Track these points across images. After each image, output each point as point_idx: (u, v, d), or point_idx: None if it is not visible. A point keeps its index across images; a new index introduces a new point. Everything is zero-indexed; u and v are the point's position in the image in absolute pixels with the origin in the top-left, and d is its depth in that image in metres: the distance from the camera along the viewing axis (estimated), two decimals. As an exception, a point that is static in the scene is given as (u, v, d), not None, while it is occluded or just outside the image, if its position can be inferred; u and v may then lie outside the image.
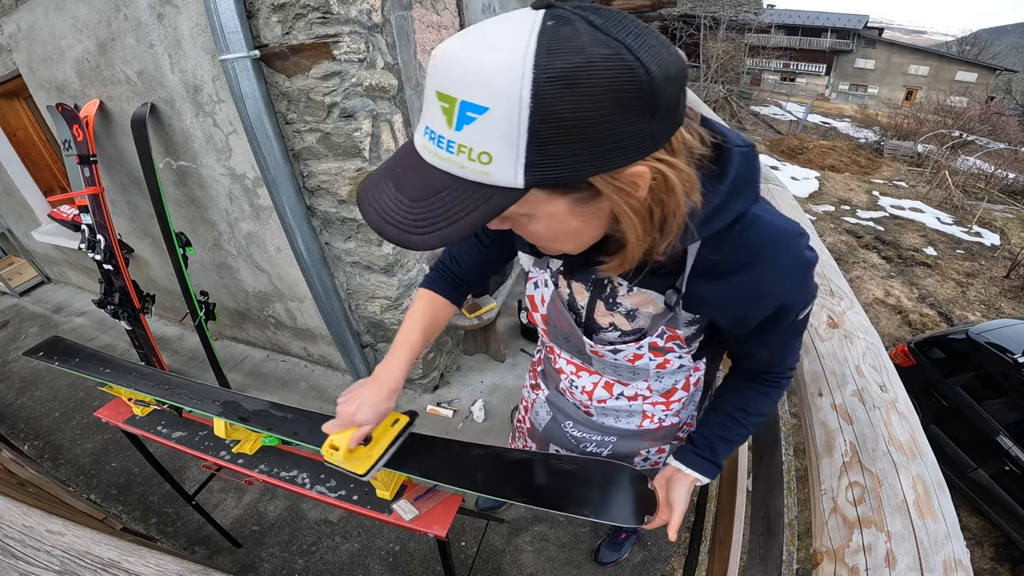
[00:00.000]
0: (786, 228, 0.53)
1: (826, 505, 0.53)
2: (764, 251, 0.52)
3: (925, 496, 0.50)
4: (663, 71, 0.33)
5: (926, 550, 0.45)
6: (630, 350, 0.67)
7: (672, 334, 0.63)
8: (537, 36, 0.32)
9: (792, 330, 0.61)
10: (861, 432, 0.58)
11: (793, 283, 0.54)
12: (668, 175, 0.40)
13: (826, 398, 0.66)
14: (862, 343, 0.74)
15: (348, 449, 0.75)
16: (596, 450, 0.96)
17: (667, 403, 0.86)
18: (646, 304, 0.62)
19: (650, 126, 0.36)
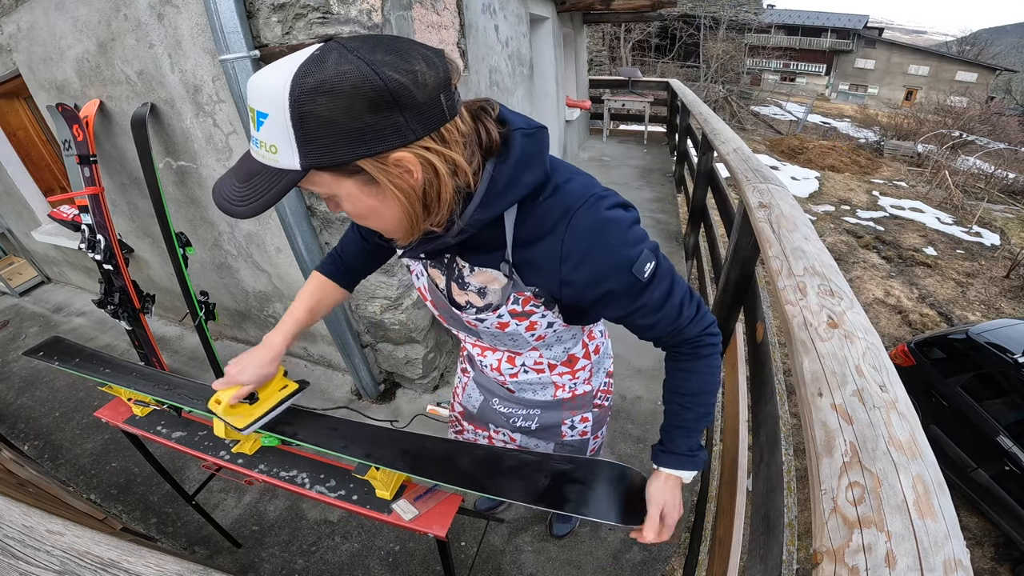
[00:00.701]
0: (581, 192, 0.60)
1: (826, 505, 0.53)
2: (561, 216, 0.59)
3: (925, 496, 0.50)
4: (406, 79, 0.44)
5: (926, 550, 0.45)
6: (491, 319, 0.73)
7: (524, 297, 0.69)
8: (301, 62, 0.44)
9: (653, 293, 0.64)
10: (861, 432, 0.58)
11: (594, 241, 0.59)
12: (432, 160, 0.50)
13: (826, 398, 0.66)
14: (862, 343, 0.74)
15: (230, 404, 0.85)
16: (524, 423, 1.04)
17: (572, 372, 0.95)
18: (491, 281, 0.68)
19: (400, 120, 0.46)
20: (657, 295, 0.65)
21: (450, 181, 0.53)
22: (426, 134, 0.48)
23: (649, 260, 0.63)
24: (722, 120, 2.90)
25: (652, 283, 0.64)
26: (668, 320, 0.68)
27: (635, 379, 2.46)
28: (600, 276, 0.61)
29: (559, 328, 0.80)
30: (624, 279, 0.62)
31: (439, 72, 0.47)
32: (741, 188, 1.57)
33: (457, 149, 0.52)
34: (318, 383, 2.52)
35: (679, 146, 5.54)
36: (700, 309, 0.71)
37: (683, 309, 0.68)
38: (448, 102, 0.49)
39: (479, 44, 2.77)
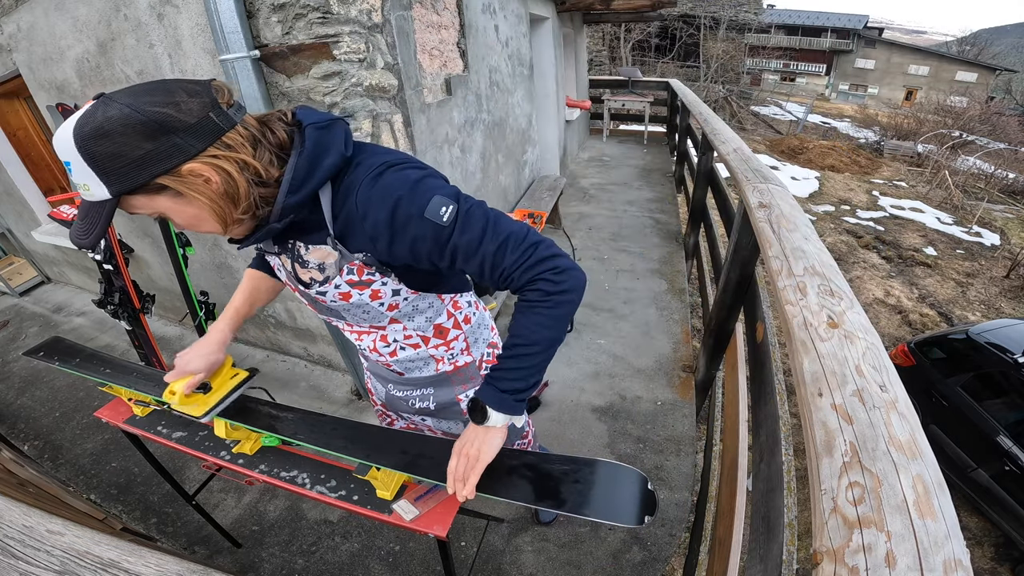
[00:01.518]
0: (373, 163, 0.70)
1: (826, 505, 0.53)
2: (353, 183, 0.69)
3: (925, 496, 0.50)
4: (168, 109, 0.56)
5: (926, 550, 0.45)
6: (331, 290, 0.79)
7: (358, 266, 0.76)
8: (77, 118, 0.55)
9: (462, 236, 0.69)
10: (861, 432, 0.58)
11: (380, 195, 0.68)
12: (221, 164, 0.60)
13: (826, 398, 0.66)
14: (862, 343, 0.74)
15: (184, 395, 0.90)
16: (422, 404, 1.08)
17: (446, 343, 0.99)
18: (326, 256, 0.76)
19: (177, 140, 0.57)
20: (468, 238, 0.70)
21: (242, 177, 0.63)
22: (207, 146, 0.59)
23: (444, 204, 0.68)
24: (722, 120, 2.90)
25: (456, 226, 0.69)
26: (491, 264, 0.71)
27: (635, 379, 2.46)
28: (394, 224, 0.68)
29: (409, 296, 0.86)
30: (422, 225, 0.68)
31: (204, 97, 0.59)
32: (741, 188, 1.57)
33: (244, 151, 0.63)
34: (318, 383, 2.52)
35: (679, 146, 5.54)
36: (533, 252, 0.72)
37: (506, 249, 0.71)
38: (220, 117, 0.60)
39: (479, 44, 2.77)
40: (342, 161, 0.69)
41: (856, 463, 0.55)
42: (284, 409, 1.07)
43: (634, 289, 3.30)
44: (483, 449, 0.77)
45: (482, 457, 0.77)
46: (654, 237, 4.12)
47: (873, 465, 0.54)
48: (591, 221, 4.48)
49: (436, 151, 2.35)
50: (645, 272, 3.53)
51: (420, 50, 2.08)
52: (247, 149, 0.63)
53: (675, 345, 2.71)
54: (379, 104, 1.78)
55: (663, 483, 1.91)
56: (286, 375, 2.61)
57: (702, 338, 2.22)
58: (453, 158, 2.56)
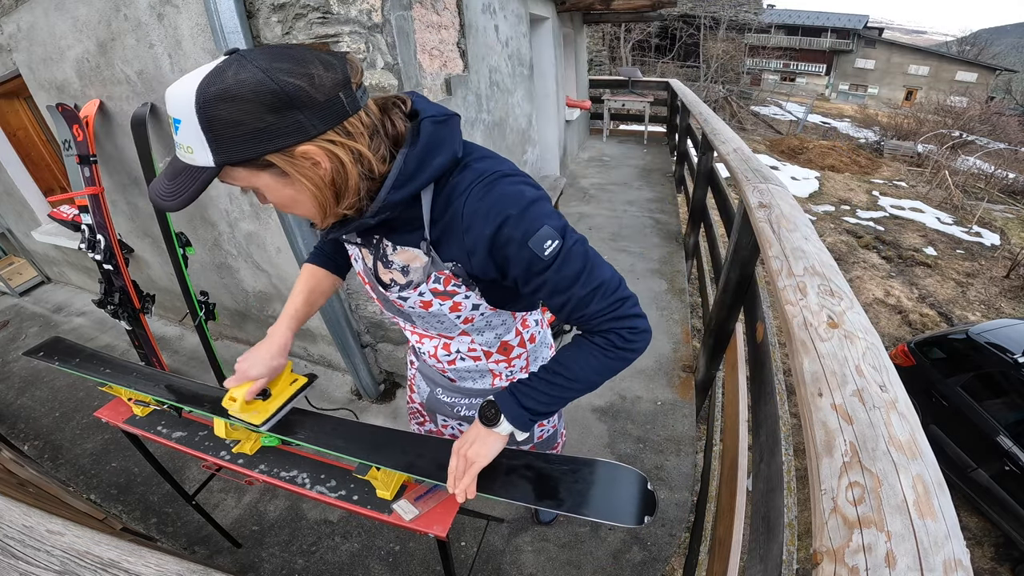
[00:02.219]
0: (485, 169, 0.65)
1: (826, 505, 0.53)
2: (464, 190, 0.64)
3: (925, 496, 0.50)
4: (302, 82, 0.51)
5: (926, 550, 0.45)
6: (414, 296, 0.76)
7: (445, 277, 0.73)
8: (206, 74, 0.50)
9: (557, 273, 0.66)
10: (861, 432, 0.58)
11: (490, 208, 0.63)
12: (336, 152, 0.56)
13: (826, 398, 0.66)
14: (862, 343, 0.74)
15: (245, 401, 0.85)
16: (468, 413, 1.06)
17: (508, 360, 0.97)
18: (413, 260, 0.72)
19: (301, 118, 0.52)
20: (562, 277, 0.66)
21: (355, 169, 0.59)
22: (328, 129, 0.55)
23: (551, 238, 0.64)
24: (722, 120, 2.90)
25: (555, 263, 0.65)
26: (574, 305, 0.69)
27: (635, 379, 2.46)
28: (495, 242, 0.64)
29: (486, 312, 0.83)
30: (521, 252, 0.64)
31: (337, 73, 0.54)
32: (741, 188, 1.57)
33: (361, 140, 0.58)
34: (318, 383, 2.52)
35: (679, 146, 5.53)
36: (620, 305, 0.70)
37: (597, 296, 0.69)
38: (349, 99, 0.55)
39: (479, 44, 2.77)
40: (453, 162, 0.65)
41: (856, 463, 0.55)
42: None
43: (634, 289, 3.30)
44: (481, 452, 0.77)
45: (479, 460, 0.77)
46: (654, 237, 4.11)
47: (873, 465, 0.54)
48: (591, 221, 4.48)
49: (436, 151, 2.35)
50: (645, 272, 3.53)
51: (420, 50, 2.08)
52: (364, 139, 0.59)
53: (675, 345, 2.71)
54: (379, 104, 1.78)
55: (663, 483, 1.91)
56: (286, 375, 2.61)
57: (702, 338, 2.22)
58: (453, 158, 2.56)
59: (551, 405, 0.76)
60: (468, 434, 0.79)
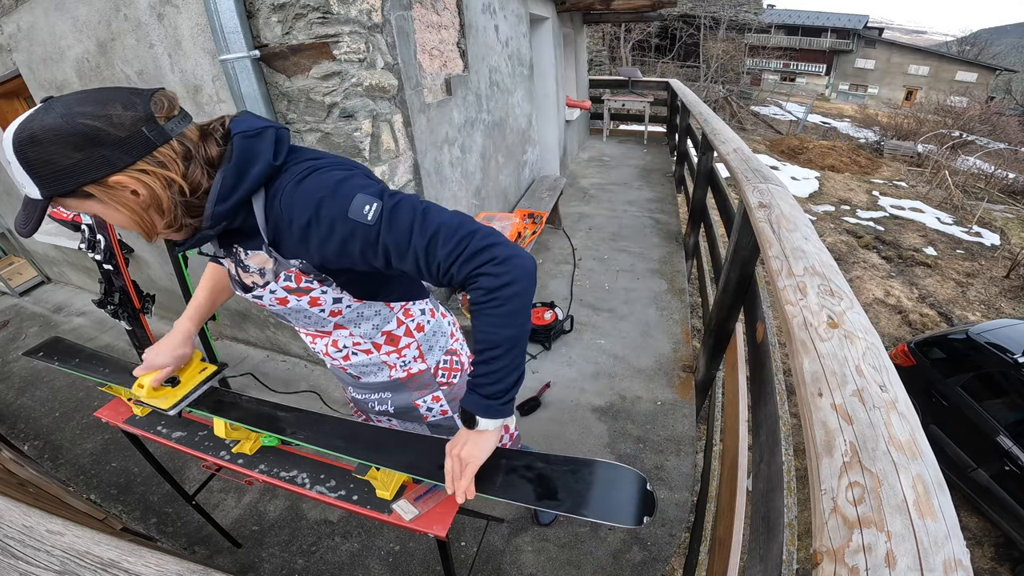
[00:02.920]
0: (300, 168, 0.70)
1: (826, 505, 0.53)
2: (280, 189, 0.70)
3: (925, 496, 0.50)
4: (99, 123, 0.57)
5: (926, 550, 0.45)
6: (267, 295, 0.80)
7: (296, 274, 0.77)
8: (23, 119, 0.58)
9: (391, 234, 0.68)
10: (861, 432, 0.58)
11: (301, 197, 0.68)
12: (146, 180, 0.62)
13: (826, 398, 0.66)
14: (862, 343, 0.74)
15: (152, 388, 0.94)
16: (381, 407, 1.09)
17: (398, 351, 0.99)
18: (264, 262, 0.77)
19: (105, 153, 0.58)
20: (397, 235, 0.68)
21: (165, 194, 0.65)
22: (136, 160, 0.61)
23: (368, 203, 0.67)
24: (722, 120, 2.90)
25: (381, 223, 0.68)
26: (424, 260, 0.69)
27: (635, 379, 2.46)
28: (320, 226, 0.68)
29: (353, 304, 0.86)
30: (347, 226, 0.68)
31: (138, 111, 0.60)
32: (741, 188, 1.57)
33: (174, 167, 0.65)
34: (318, 383, 2.52)
35: (679, 146, 5.53)
36: (468, 243, 0.68)
37: (437, 245, 0.68)
38: (153, 132, 0.62)
39: (479, 44, 2.77)
40: (270, 169, 0.69)
41: (856, 463, 0.55)
42: (284, 409, 1.07)
43: (634, 289, 3.30)
44: (473, 452, 0.77)
45: (473, 460, 0.77)
46: (654, 237, 4.11)
47: (873, 465, 0.54)
48: (591, 221, 4.48)
49: (436, 151, 2.35)
50: (645, 272, 3.53)
51: (420, 50, 2.08)
52: (177, 166, 0.65)
53: (675, 345, 2.71)
54: (379, 104, 1.78)
55: (663, 483, 1.91)
56: (286, 375, 2.61)
57: (702, 338, 2.22)
58: (453, 158, 2.56)
59: (504, 379, 0.74)
60: (459, 436, 0.80)
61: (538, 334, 2.68)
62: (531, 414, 2.25)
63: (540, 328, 2.66)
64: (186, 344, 1.00)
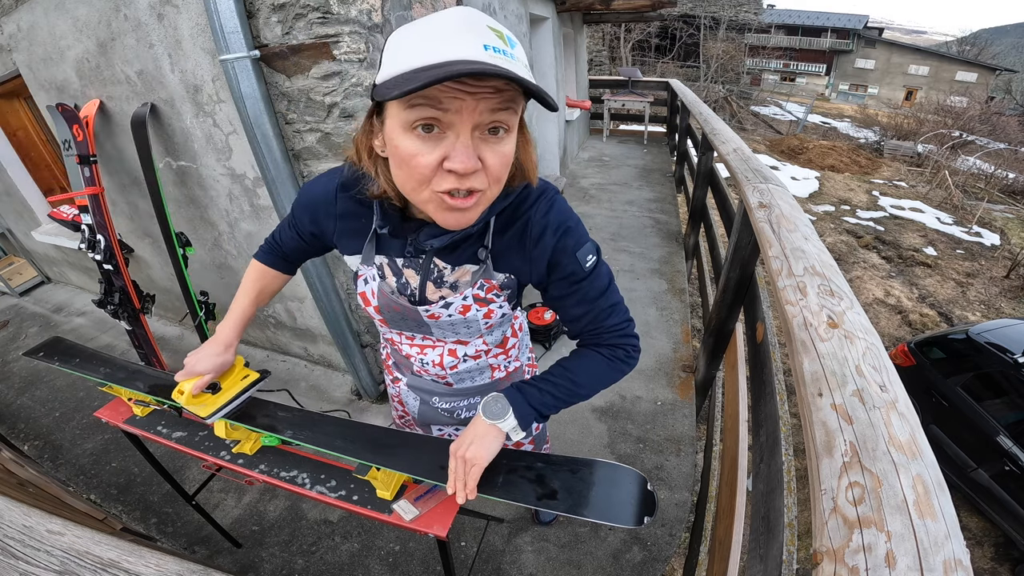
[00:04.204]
0: (542, 186, 0.72)
1: (826, 505, 0.53)
2: (533, 203, 0.71)
3: (925, 496, 0.50)
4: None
5: (926, 550, 0.45)
6: (458, 301, 0.78)
7: (490, 285, 0.77)
8: None
9: (591, 284, 0.74)
10: (861, 432, 0.58)
11: (557, 224, 0.70)
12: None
13: (826, 398, 0.66)
14: (862, 343, 0.74)
15: (192, 394, 0.90)
16: (467, 414, 1.07)
17: (505, 351, 1.01)
18: (465, 274, 0.76)
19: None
20: (594, 288, 0.75)
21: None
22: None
23: (592, 252, 0.73)
24: (722, 120, 2.90)
25: (591, 275, 0.74)
26: (595, 316, 0.77)
27: (635, 379, 2.46)
28: (556, 251, 0.71)
29: (507, 313, 0.87)
30: (570, 261, 0.72)
31: None
32: (741, 188, 1.57)
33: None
34: (318, 383, 2.52)
35: (679, 146, 5.53)
36: (628, 324, 0.80)
37: (613, 313, 0.77)
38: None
39: (479, 44, 2.77)
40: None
41: (856, 463, 0.55)
42: (284, 409, 1.07)
43: (634, 289, 3.30)
44: (480, 453, 0.76)
45: (479, 461, 0.76)
46: (654, 237, 4.11)
47: (873, 465, 0.54)
48: (591, 221, 4.48)
49: (436, 151, 2.34)
50: (645, 272, 3.53)
51: (420, 50, 2.08)
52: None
53: (675, 345, 2.71)
54: (379, 104, 1.78)
55: (663, 483, 1.91)
56: (286, 375, 2.61)
57: (702, 338, 2.22)
58: (453, 158, 2.56)
59: (554, 407, 0.79)
60: (465, 435, 0.78)
61: (538, 334, 2.68)
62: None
63: (540, 328, 2.66)
64: (228, 352, 0.95)
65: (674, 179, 5.56)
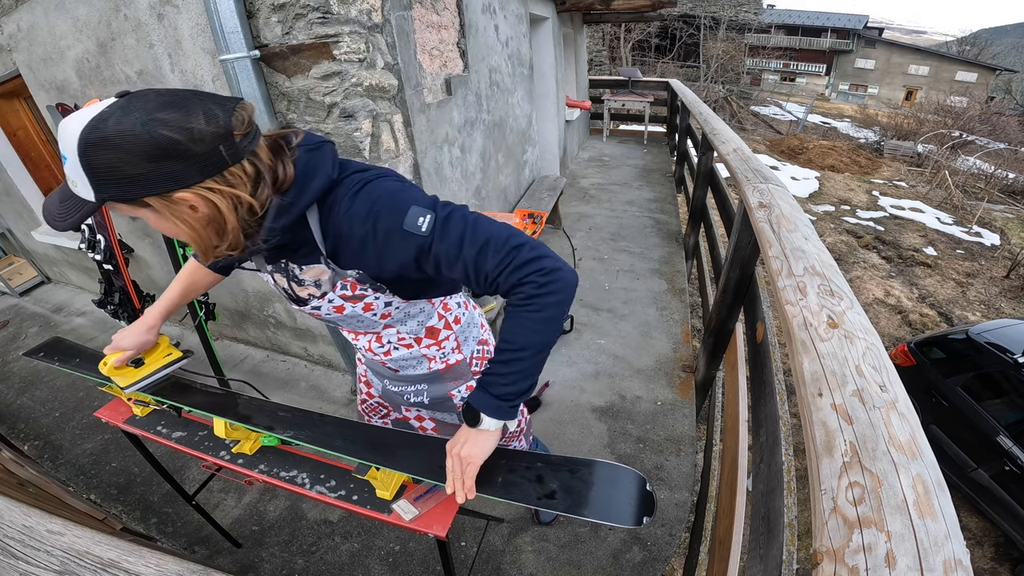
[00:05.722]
0: (350, 180, 0.71)
1: (826, 505, 0.53)
2: (338, 202, 0.70)
3: (925, 496, 0.50)
4: (180, 136, 0.54)
5: (926, 550, 0.45)
6: (325, 305, 0.82)
7: (351, 284, 0.79)
8: (91, 118, 0.53)
9: (442, 243, 0.70)
10: (861, 432, 0.58)
11: (358, 211, 0.69)
12: (212, 199, 0.60)
13: (826, 398, 0.66)
14: (862, 343, 0.74)
15: (114, 366, 1.01)
16: (417, 399, 1.11)
17: (438, 343, 1.02)
18: (320, 274, 0.78)
19: (177, 168, 0.56)
20: (448, 244, 0.70)
21: (232, 215, 0.62)
22: (205, 179, 0.58)
23: (422, 214, 0.69)
24: (722, 120, 2.90)
25: (435, 233, 0.69)
26: (474, 268, 0.71)
27: (635, 379, 2.46)
28: (377, 238, 0.70)
29: (401, 305, 0.89)
30: (403, 237, 0.69)
31: (219, 127, 0.57)
32: (741, 188, 1.57)
33: (242, 188, 0.62)
34: (318, 383, 2.52)
35: (679, 146, 5.54)
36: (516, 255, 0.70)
37: (487, 253, 0.70)
38: (229, 151, 0.59)
39: (479, 44, 2.77)
40: (329, 183, 0.70)
41: (856, 463, 0.55)
42: (284, 409, 1.07)
43: (634, 289, 3.30)
44: (474, 452, 0.77)
45: (474, 460, 0.77)
46: (654, 237, 4.11)
47: (873, 465, 0.54)
48: (591, 221, 4.48)
49: (436, 151, 2.35)
50: (645, 272, 3.53)
51: (420, 50, 2.08)
52: (245, 187, 0.62)
53: (675, 345, 2.71)
54: (379, 104, 1.78)
55: (663, 483, 1.91)
56: (286, 375, 2.61)
57: (702, 338, 2.22)
58: (453, 158, 2.56)
59: (518, 382, 0.75)
60: (459, 435, 0.79)
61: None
62: (531, 414, 2.25)
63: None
64: (149, 332, 1.06)
65: (674, 179, 5.56)
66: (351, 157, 1.74)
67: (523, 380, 0.75)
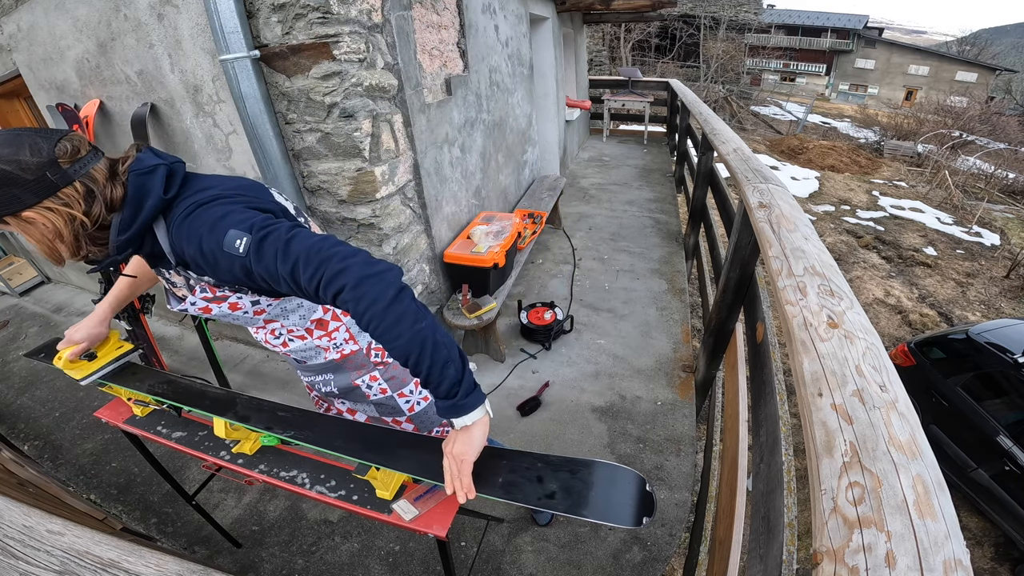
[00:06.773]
0: (187, 202, 0.78)
1: (826, 505, 0.53)
2: (173, 222, 0.78)
3: (925, 496, 0.50)
4: (10, 167, 0.66)
5: (926, 550, 0.45)
6: (190, 307, 0.89)
7: (209, 286, 0.85)
8: None
9: (261, 264, 0.73)
10: (861, 432, 0.58)
11: (188, 234, 0.76)
12: (49, 217, 0.72)
13: (826, 398, 0.66)
14: (862, 343, 0.74)
15: (68, 360, 1.06)
16: (327, 388, 1.15)
17: (328, 335, 1.05)
18: (180, 279, 0.86)
19: (14, 192, 0.68)
20: (265, 264, 0.73)
21: (68, 229, 0.73)
22: (41, 200, 0.70)
23: (238, 237, 0.73)
24: (722, 120, 2.90)
25: (250, 254, 0.73)
26: (290, 283, 0.74)
27: (635, 379, 2.46)
28: (205, 258, 0.76)
29: (272, 302, 0.93)
30: (226, 259, 0.74)
31: (43, 157, 0.69)
32: (741, 188, 1.57)
33: (76, 206, 0.73)
34: (318, 383, 2.52)
35: (679, 146, 5.53)
36: (326, 267, 0.70)
37: (300, 272, 0.71)
38: (56, 176, 0.70)
39: (479, 44, 2.77)
40: (161, 203, 0.78)
41: (856, 463, 0.55)
42: (284, 409, 1.07)
43: (634, 289, 3.30)
44: (464, 449, 0.79)
45: (466, 456, 0.78)
46: (654, 237, 4.11)
47: (873, 465, 0.54)
48: (591, 221, 4.48)
49: (436, 151, 2.35)
50: (645, 272, 3.53)
51: (420, 50, 2.08)
52: (79, 204, 0.73)
53: (675, 345, 2.71)
54: (379, 104, 1.78)
55: (663, 483, 1.91)
56: (286, 375, 2.61)
57: (702, 338, 2.22)
58: (453, 158, 2.56)
59: (442, 375, 0.73)
60: (451, 435, 0.82)
61: (538, 334, 2.68)
62: (531, 414, 2.25)
63: (540, 328, 2.66)
64: (100, 326, 1.13)
65: (674, 179, 5.56)
66: (351, 157, 1.74)
67: (443, 371, 0.72)
